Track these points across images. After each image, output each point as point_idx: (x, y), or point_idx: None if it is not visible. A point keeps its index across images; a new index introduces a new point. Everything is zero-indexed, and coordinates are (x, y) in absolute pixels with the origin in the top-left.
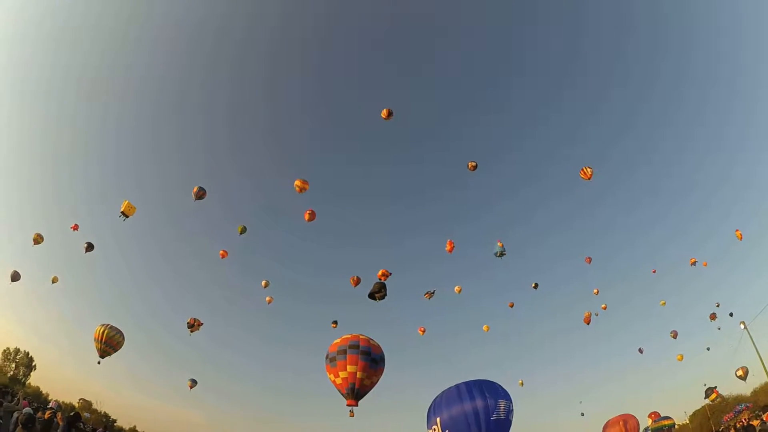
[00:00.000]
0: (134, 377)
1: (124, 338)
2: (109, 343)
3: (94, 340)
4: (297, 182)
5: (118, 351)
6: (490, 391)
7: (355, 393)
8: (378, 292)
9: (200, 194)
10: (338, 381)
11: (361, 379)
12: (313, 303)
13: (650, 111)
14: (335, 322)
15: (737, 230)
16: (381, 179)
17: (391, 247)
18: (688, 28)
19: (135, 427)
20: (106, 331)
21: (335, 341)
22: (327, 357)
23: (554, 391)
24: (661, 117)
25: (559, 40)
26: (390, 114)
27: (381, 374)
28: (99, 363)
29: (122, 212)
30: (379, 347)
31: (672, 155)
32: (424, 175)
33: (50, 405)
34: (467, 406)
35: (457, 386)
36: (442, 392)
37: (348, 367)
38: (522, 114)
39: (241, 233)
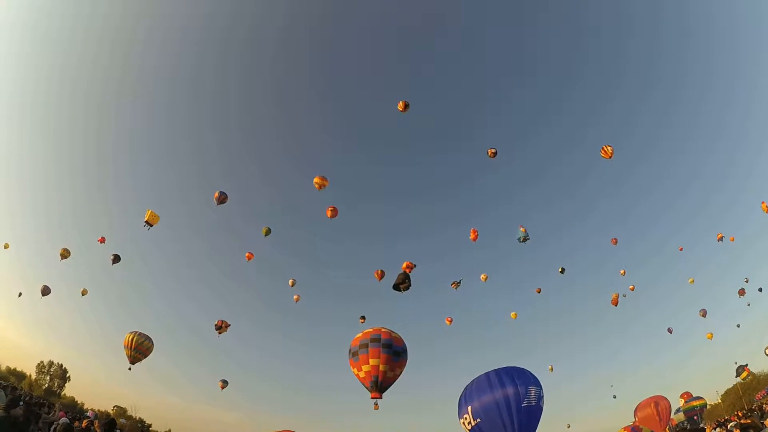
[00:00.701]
0: (167, 382)
1: (153, 344)
2: (139, 349)
3: (124, 347)
4: (316, 179)
5: (148, 356)
6: (520, 378)
7: (379, 385)
8: (402, 283)
9: (222, 198)
10: (362, 375)
11: (384, 372)
12: (341, 301)
13: (663, 89)
14: (363, 317)
15: (763, 202)
16: (400, 176)
17: (415, 241)
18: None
19: (170, 430)
20: (135, 338)
21: (357, 336)
22: (350, 351)
23: (585, 376)
24: (675, 95)
25: (573, 28)
26: (406, 106)
27: (404, 366)
28: (130, 369)
29: (146, 221)
30: (401, 339)
31: (687, 130)
32: (443, 169)
33: (87, 414)
34: (498, 393)
35: (487, 374)
36: (473, 380)
37: (370, 360)
38: (539, 101)
39: (266, 235)
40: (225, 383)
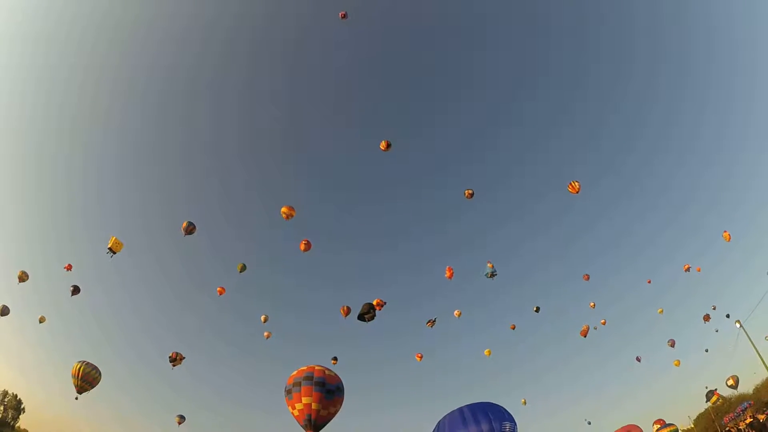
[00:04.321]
0: (123, 417)
1: (100, 374)
2: (86, 379)
3: (72, 376)
4: (284, 209)
5: (95, 386)
6: (494, 414)
7: (313, 424)
8: (367, 313)
9: (190, 229)
10: (296, 413)
11: (317, 410)
12: (314, 343)
13: (646, 136)
14: (335, 359)
15: (725, 231)
16: (375, 216)
17: (389, 285)
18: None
19: None
20: (82, 368)
21: (292, 374)
22: (285, 389)
23: (559, 410)
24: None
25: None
26: (389, 146)
27: (339, 404)
28: (77, 398)
29: (109, 248)
30: (335, 377)
31: (648, 165)
32: (419, 210)
33: None
34: (472, 429)
35: (461, 409)
36: (446, 416)
37: (303, 398)
38: (521, 143)
39: (240, 271)
40: (182, 418)
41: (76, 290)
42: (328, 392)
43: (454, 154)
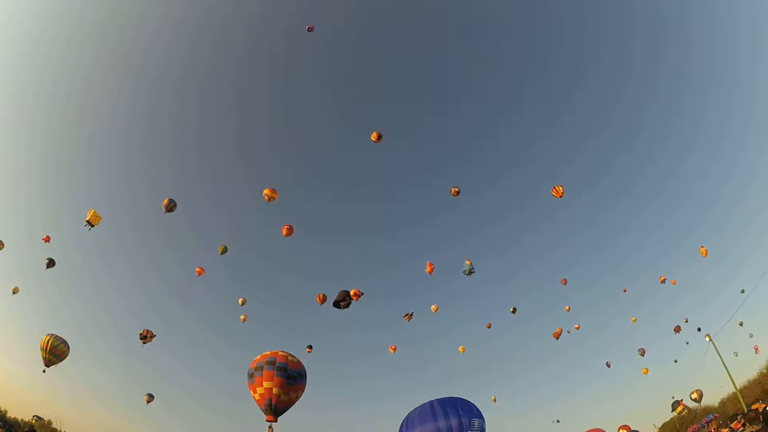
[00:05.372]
0: (93, 392)
1: (69, 348)
2: (54, 352)
3: (40, 349)
4: (266, 191)
5: (63, 360)
6: (463, 409)
7: (273, 408)
8: (342, 300)
9: (171, 206)
10: (257, 397)
11: (278, 395)
12: (288, 331)
13: (634, 148)
14: (310, 347)
15: (702, 247)
16: (360, 210)
17: (370, 276)
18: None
19: None
20: (51, 341)
21: (256, 358)
22: (248, 373)
23: (527, 410)
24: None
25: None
26: (380, 137)
27: (301, 390)
28: (44, 371)
29: (88, 221)
30: (298, 363)
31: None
32: (404, 205)
33: None
34: (441, 423)
35: (431, 403)
36: (416, 408)
37: (264, 383)
38: (510, 146)
39: (221, 253)
40: (151, 397)
41: (51, 263)
42: (290, 378)
43: (444, 152)
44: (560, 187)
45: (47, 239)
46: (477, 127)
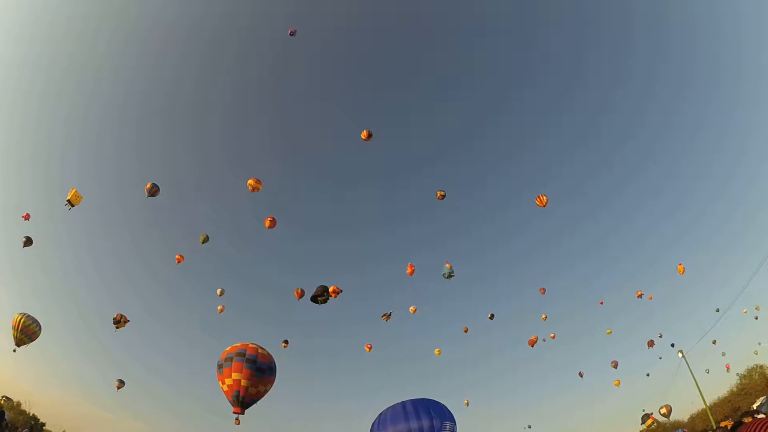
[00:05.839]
0: (67, 377)
1: (40, 328)
2: (26, 332)
3: (12, 327)
4: (250, 181)
5: (34, 341)
6: (436, 411)
7: (240, 401)
8: (321, 296)
9: (153, 191)
10: (225, 388)
11: (246, 387)
12: (266, 323)
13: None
14: (286, 342)
15: (680, 264)
16: (344, 208)
17: (351, 274)
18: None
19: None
20: (23, 320)
21: (226, 349)
22: (217, 364)
23: (498, 415)
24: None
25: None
26: (370, 135)
27: (270, 384)
28: (15, 351)
29: (68, 200)
30: (268, 356)
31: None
32: (389, 205)
33: None
34: (413, 424)
35: (403, 404)
36: (387, 408)
37: (233, 374)
38: (496, 151)
39: (203, 242)
40: (122, 383)
41: (28, 242)
42: (259, 371)
43: (430, 153)
44: (544, 197)
45: (27, 217)
46: (465, 130)
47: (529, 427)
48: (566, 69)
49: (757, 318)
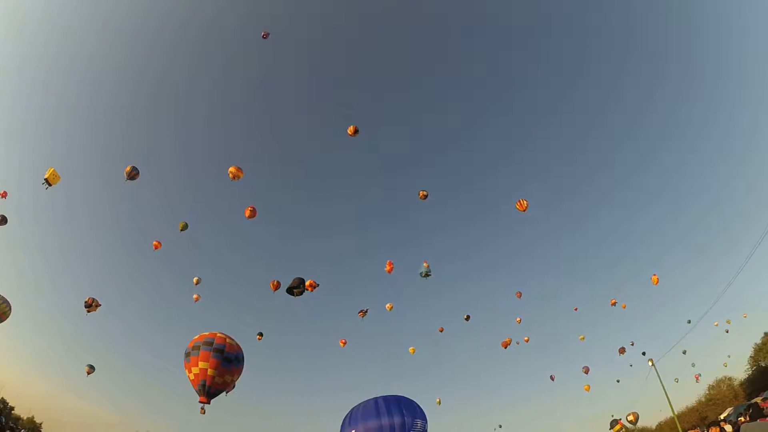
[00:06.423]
0: (36, 360)
1: (10, 309)
2: None
3: None
4: (231, 169)
5: (4, 322)
6: (407, 409)
7: (206, 390)
8: (296, 288)
9: (133, 174)
10: (191, 377)
11: (212, 377)
12: (240, 315)
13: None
14: (260, 334)
15: (654, 275)
16: (325, 202)
17: (328, 268)
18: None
19: (33, 417)
20: None
21: (194, 338)
22: (185, 352)
23: (469, 414)
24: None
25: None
26: (356, 131)
27: (237, 374)
28: None
29: (46, 179)
30: (236, 346)
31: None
32: (371, 202)
33: None
34: (384, 421)
35: (375, 400)
36: (360, 404)
37: (200, 363)
38: (481, 158)
39: (182, 230)
40: (92, 368)
41: (3, 220)
42: (226, 360)
43: (417, 152)
44: (524, 201)
45: (4, 194)
46: (465, 130)
47: (500, 426)
48: (566, 69)
49: (727, 331)
